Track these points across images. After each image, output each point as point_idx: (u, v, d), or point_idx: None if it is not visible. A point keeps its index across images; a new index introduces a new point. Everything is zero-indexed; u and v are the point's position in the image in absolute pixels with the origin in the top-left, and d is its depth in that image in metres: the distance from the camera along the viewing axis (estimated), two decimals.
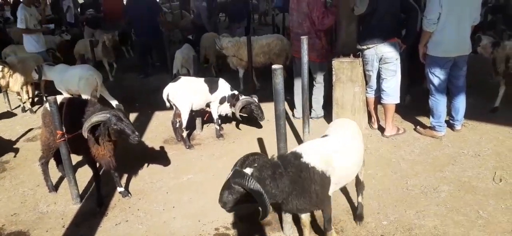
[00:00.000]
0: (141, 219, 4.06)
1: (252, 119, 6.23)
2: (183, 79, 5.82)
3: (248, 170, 2.78)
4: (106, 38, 9.78)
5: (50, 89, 7.73)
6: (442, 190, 4.16)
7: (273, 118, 3.44)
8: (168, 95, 5.68)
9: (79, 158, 5.16)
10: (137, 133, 3.87)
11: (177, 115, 5.75)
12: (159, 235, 3.78)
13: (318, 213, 3.65)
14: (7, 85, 7.49)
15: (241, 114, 5.95)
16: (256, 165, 2.84)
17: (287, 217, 3.59)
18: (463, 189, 4.15)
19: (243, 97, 5.99)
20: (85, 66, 7.34)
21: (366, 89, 5.67)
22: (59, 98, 4.30)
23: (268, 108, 7.05)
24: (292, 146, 3.46)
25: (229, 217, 3.95)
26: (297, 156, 3.01)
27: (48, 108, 4.15)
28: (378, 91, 5.55)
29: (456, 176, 4.41)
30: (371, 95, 5.65)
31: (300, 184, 2.91)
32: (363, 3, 5.11)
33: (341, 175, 3.18)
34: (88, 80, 6.72)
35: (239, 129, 6.38)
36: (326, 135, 3.41)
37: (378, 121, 5.92)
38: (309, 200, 2.97)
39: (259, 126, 6.37)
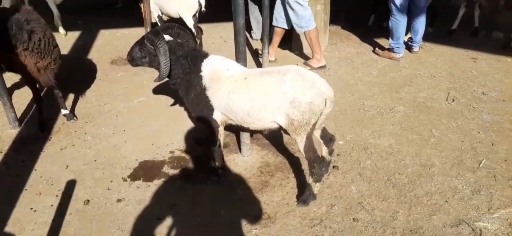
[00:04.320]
0: (89, 143, 3.79)
1: (211, 37, 5.88)
2: None
3: (167, 37, 2.99)
4: None
5: None
6: (397, 110, 4.20)
7: (231, 39, 3.14)
8: None
9: (16, 80, 4.69)
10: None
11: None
12: (109, 159, 3.55)
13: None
14: None
15: None
16: (178, 39, 3.08)
17: (245, 139, 3.47)
18: (418, 109, 4.21)
19: None
20: None
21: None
22: None
23: (225, 28, 6.72)
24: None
25: (184, 140, 3.78)
26: (204, 58, 3.00)
27: None
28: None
29: (411, 97, 4.46)
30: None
31: (186, 81, 3.02)
32: None
33: (228, 110, 2.88)
34: None
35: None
36: (264, 69, 3.01)
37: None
38: (190, 104, 3.09)
39: (219, 45, 6.05)
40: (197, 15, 5.56)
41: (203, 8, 5.49)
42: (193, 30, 5.41)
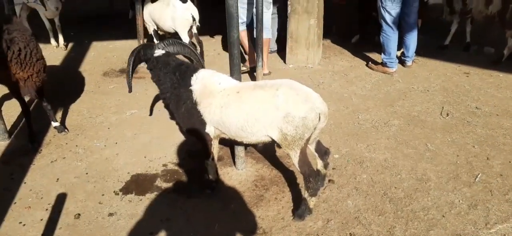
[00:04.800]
0: (80, 155, 3.72)
1: (204, 50, 5.85)
2: None
3: (159, 51, 3.06)
4: None
5: None
6: (392, 124, 4.19)
7: (224, 52, 3.13)
8: None
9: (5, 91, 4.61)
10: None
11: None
12: (101, 173, 3.47)
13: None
14: None
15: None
16: (172, 54, 3.09)
17: (240, 152, 3.43)
18: (412, 123, 4.21)
19: None
20: None
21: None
22: None
23: (218, 42, 6.71)
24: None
25: (177, 153, 3.72)
26: (193, 72, 2.97)
27: None
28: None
29: (406, 111, 4.47)
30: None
31: (176, 96, 2.98)
32: None
33: (221, 125, 2.83)
34: None
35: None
36: (257, 83, 2.98)
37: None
38: (181, 119, 3.05)
39: (213, 58, 6.03)
40: (193, 30, 5.53)
41: (197, 23, 5.46)
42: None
